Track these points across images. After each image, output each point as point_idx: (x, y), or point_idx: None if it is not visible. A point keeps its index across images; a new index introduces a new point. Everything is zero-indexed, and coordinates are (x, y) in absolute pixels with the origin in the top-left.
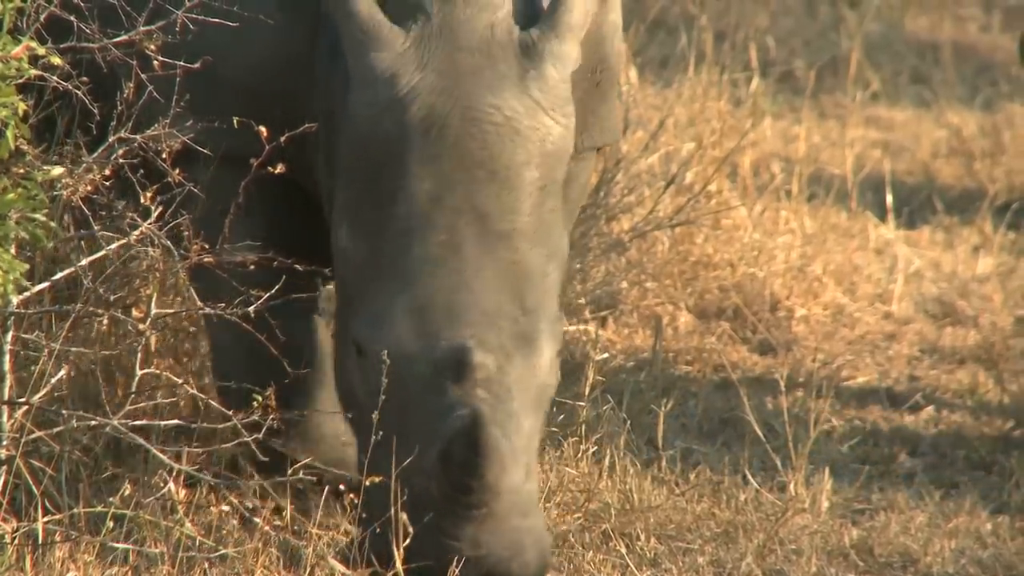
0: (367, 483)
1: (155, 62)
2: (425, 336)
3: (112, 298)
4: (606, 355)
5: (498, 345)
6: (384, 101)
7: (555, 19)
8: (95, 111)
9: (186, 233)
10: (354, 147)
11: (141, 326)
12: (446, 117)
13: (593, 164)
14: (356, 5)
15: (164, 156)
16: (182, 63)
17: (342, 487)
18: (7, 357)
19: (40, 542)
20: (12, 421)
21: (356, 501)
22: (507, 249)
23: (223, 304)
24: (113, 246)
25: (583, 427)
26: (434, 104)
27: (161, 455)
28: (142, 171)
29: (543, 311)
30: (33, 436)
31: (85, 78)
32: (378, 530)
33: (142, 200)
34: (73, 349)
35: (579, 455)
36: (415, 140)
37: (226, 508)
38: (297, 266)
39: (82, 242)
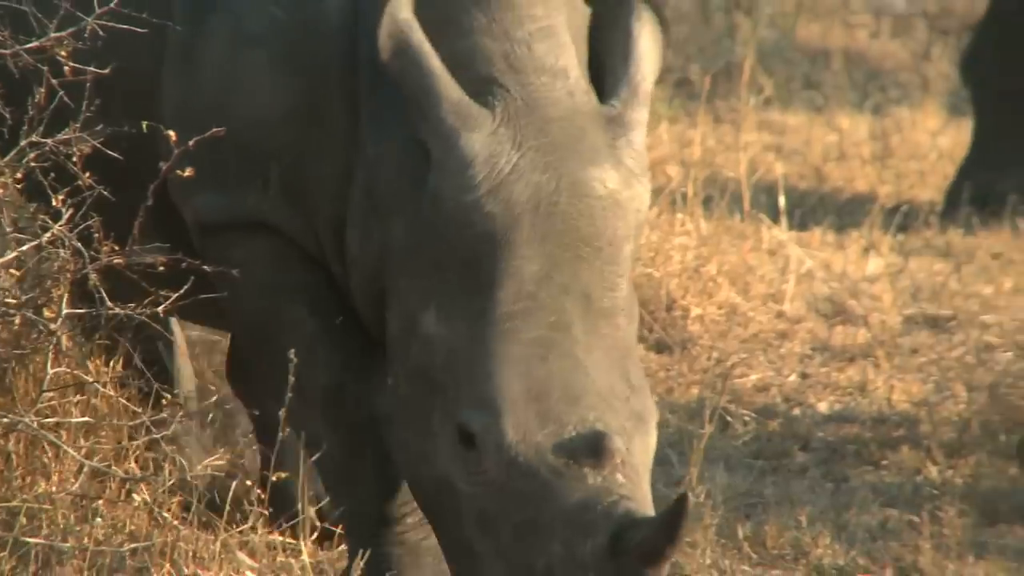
0: None
1: (66, 68)
2: (547, 421)
3: (24, 299)
4: None
5: (619, 427)
6: (485, 183)
7: (635, 86)
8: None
9: (96, 235)
10: (444, 233)
11: (52, 326)
12: (552, 194)
13: None
14: (443, 89)
15: (75, 160)
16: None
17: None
18: None
19: None
20: None
21: (263, 496)
22: (610, 326)
23: (132, 305)
24: (25, 247)
25: None
26: (538, 181)
27: (73, 451)
28: (53, 174)
29: (645, 387)
30: None
31: None
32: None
33: (53, 203)
34: None
35: None
36: (522, 220)
37: (136, 503)
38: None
39: None
